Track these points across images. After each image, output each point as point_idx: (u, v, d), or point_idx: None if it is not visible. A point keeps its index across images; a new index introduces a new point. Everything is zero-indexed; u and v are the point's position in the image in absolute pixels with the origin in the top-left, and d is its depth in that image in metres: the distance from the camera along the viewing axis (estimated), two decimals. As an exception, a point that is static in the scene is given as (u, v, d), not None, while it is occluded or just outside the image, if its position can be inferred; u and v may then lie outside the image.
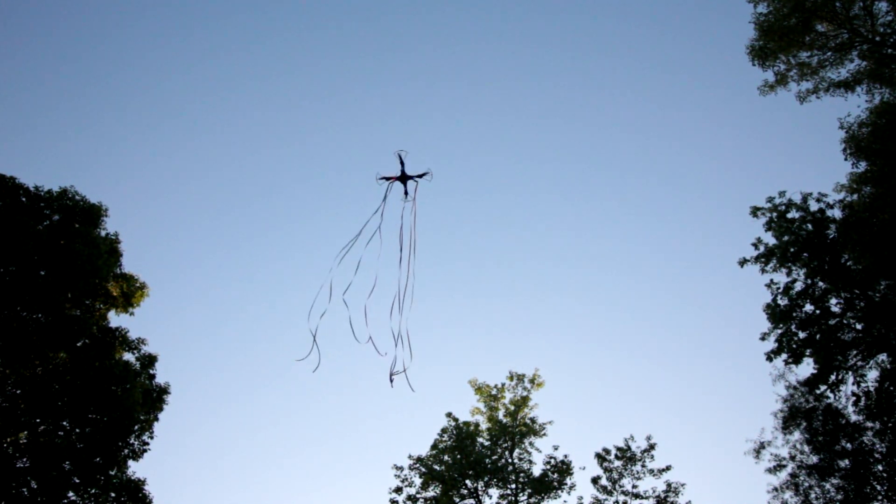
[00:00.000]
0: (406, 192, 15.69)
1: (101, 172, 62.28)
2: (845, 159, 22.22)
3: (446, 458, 30.86)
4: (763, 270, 27.64)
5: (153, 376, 21.97)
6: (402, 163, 15.68)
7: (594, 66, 65.99)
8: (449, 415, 32.34)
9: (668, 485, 29.23)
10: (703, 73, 63.56)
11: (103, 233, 22.04)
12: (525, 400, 32.67)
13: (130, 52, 64.61)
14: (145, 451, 21.07)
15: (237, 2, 64.71)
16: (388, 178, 15.69)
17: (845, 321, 26.65)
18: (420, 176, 15.60)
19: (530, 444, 31.72)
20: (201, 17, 64.20)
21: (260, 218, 69.76)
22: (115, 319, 22.53)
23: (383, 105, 66.77)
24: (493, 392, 32.89)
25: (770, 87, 24.38)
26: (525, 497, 30.27)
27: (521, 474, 30.83)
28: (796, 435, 26.34)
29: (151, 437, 21.40)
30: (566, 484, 30.27)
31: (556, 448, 31.42)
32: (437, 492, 30.22)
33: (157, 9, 63.67)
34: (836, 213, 26.73)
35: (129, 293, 22.62)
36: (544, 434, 32.03)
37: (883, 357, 25.94)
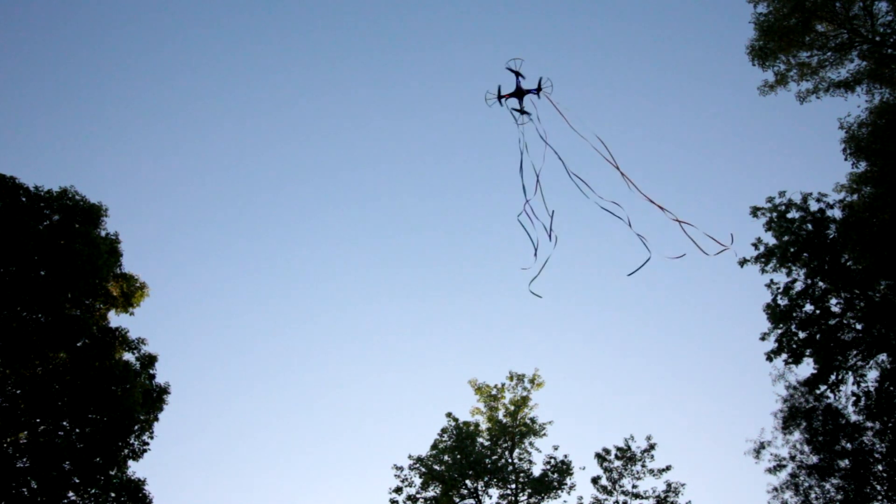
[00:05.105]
0: (522, 111, 13.31)
1: (101, 172, 62.30)
2: (845, 159, 22.23)
3: (446, 458, 30.84)
4: (763, 270, 27.65)
5: (153, 376, 21.95)
6: (517, 75, 13.17)
7: (594, 65, 66.01)
8: (449, 415, 32.36)
9: (668, 485, 29.26)
10: (704, 73, 63.59)
11: (103, 233, 22.02)
12: (525, 400, 32.66)
13: (130, 53, 64.67)
14: (145, 451, 21.07)
15: (237, 2, 64.75)
16: (501, 97, 13.31)
17: (845, 321, 26.64)
18: (538, 89, 13.15)
19: (530, 444, 31.73)
20: (201, 17, 64.24)
21: (260, 217, 69.82)
22: (115, 319, 22.56)
23: (379, 105, 66.80)
24: (493, 392, 32.89)
25: (770, 87, 24.36)
26: (525, 497, 30.27)
27: (521, 474, 30.83)
28: (796, 435, 26.37)
29: (151, 437, 21.40)
30: (566, 484, 30.28)
31: (556, 448, 31.49)
32: (437, 492, 30.22)
33: (157, 9, 63.71)
34: (836, 213, 26.76)
35: (129, 293, 22.60)
36: (544, 434, 32.04)
37: (883, 357, 25.93)
